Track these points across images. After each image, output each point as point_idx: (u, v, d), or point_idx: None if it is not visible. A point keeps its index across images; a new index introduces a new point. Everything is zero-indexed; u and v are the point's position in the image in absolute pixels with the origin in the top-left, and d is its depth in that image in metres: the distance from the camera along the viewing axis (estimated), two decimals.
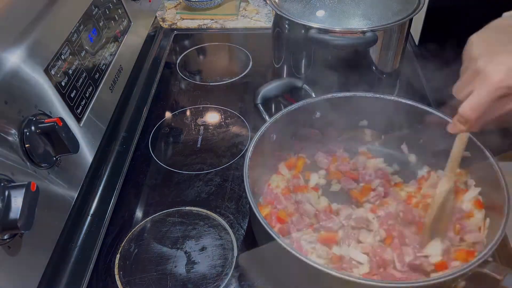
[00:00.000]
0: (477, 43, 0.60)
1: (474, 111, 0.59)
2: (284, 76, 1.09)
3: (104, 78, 0.93)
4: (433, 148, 0.86)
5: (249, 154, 0.76)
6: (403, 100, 0.85)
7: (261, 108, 0.87)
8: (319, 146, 0.91)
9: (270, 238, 0.64)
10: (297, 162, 0.90)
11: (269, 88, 0.90)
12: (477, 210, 0.77)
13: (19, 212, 0.56)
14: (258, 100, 0.88)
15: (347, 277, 0.59)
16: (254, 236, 0.79)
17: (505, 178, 0.70)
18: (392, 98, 0.86)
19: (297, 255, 0.61)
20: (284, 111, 0.84)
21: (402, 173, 0.88)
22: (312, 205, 0.79)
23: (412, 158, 0.91)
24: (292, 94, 0.96)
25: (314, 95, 0.88)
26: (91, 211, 0.86)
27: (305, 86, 0.91)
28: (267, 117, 0.83)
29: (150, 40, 1.32)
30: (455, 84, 0.64)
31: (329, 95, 0.87)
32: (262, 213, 0.75)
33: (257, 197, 0.80)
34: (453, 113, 0.66)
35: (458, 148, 0.68)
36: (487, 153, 0.74)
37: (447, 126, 0.67)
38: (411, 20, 0.96)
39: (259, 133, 0.79)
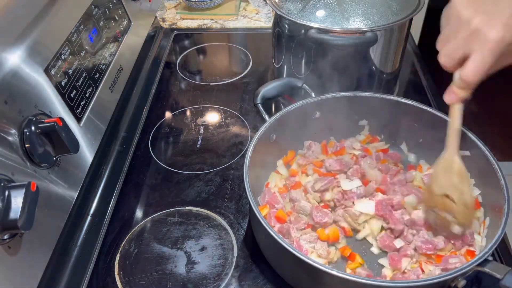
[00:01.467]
0: (464, 5, 0.58)
1: (478, 74, 0.58)
2: (284, 76, 1.09)
3: (104, 78, 0.93)
4: (433, 147, 0.86)
5: (249, 154, 0.76)
6: (403, 100, 0.85)
7: (261, 108, 0.87)
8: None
9: (270, 238, 0.64)
10: (294, 158, 0.90)
11: (269, 88, 0.90)
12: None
13: (19, 212, 0.56)
14: (258, 100, 0.88)
15: (347, 277, 0.59)
16: (254, 236, 0.79)
17: (505, 178, 0.70)
18: (392, 98, 0.86)
19: (298, 254, 0.61)
20: (284, 111, 0.84)
21: None
22: (308, 201, 0.79)
23: (412, 157, 0.91)
24: (292, 94, 0.96)
25: (314, 95, 0.88)
26: (91, 211, 0.86)
27: (305, 86, 0.91)
28: (267, 117, 0.83)
29: (150, 40, 1.32)
30: (442, 51, 0.62)
31: (329, 95, 0.87)
32: (262, 213, 0.75)
33: (256, 196, 0.80)
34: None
35: (457, 118, 0.66)
36: (487, 153, 0.74)
37: (444, 96, 0.65)
38: (411, 20, 0.96)
39: (259, 133, 0.79)
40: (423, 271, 0.70)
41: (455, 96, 0.64)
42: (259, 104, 0.87)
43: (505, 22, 0.55)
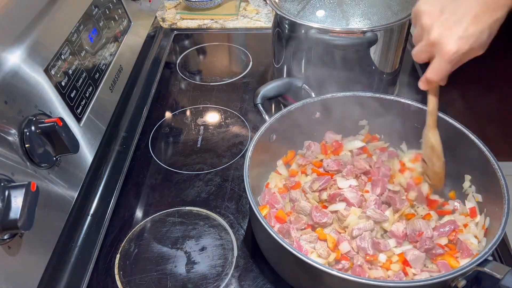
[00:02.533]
0: (427, 12, 0.66)
1: (438, 76, 0.67)
2: (284, 76, 1.09)
3: (104, 78, 0.93)
4: None
5: (249, 154, 0.76)
6: (403, 100, 0.85)
7: (261, 108, 0.87)
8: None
9: (270, 238, 0.64)
10: (294, 158, 0.90)
11: (269, 88, 0.90)
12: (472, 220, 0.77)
13: (19, 212, 0.56)
14: (258, 100, 0.88)
15: (347, 277, 0.59)
16: (254, 236, 0.79)
17: (505, 178, 0.70)
18: (392, 98, 0.86)
19: (298, 254, 0.61)
20: (284, 111, 0.84)
21: None
22: (308, 201, 0.79)
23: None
24: (292, 94, 0.96)
25: (314, 95, 0.88)
26: (91, 211, 0.86)
27: (305, 86, 0.91)
28: (267, 117, 0.83)
29: (150, 40, 1.32)
30: (413, 49, 0.70)
31: (329, 95, 0.87)
32: (262, 213, 0.75)
33: (256, 196, 0.80)
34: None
35: (431, 102, 0.75)
36: (487, 153, 0.74)
37: (418, 83, 0.74)
38: (411, 20, 0.96)
39: (259, 133, 0.79)
40: (406, 273, 0.70)
41: (425, 85, 0.73)
42: (259, 104, 0.87)
43: (461, 35, 0.62)
